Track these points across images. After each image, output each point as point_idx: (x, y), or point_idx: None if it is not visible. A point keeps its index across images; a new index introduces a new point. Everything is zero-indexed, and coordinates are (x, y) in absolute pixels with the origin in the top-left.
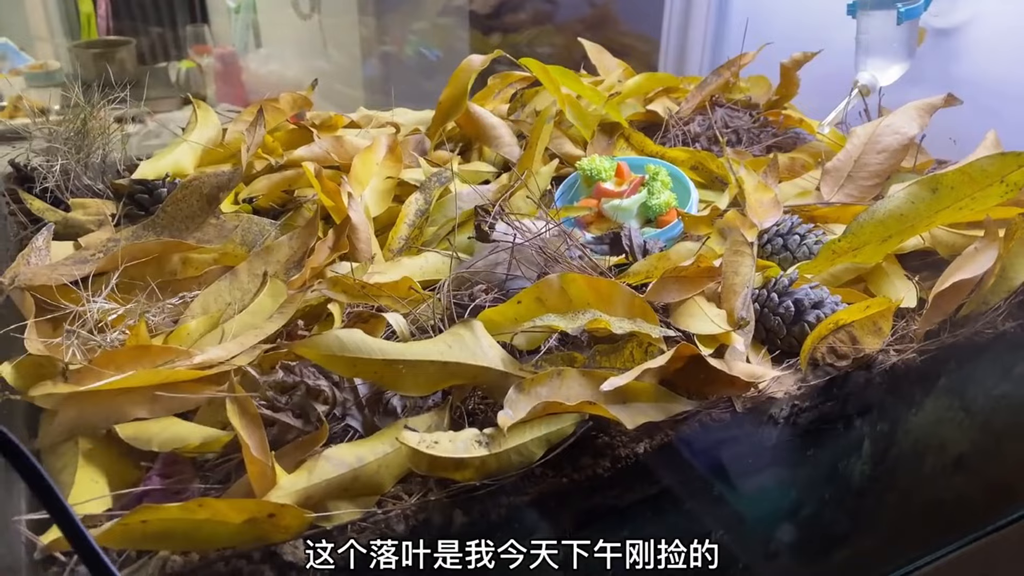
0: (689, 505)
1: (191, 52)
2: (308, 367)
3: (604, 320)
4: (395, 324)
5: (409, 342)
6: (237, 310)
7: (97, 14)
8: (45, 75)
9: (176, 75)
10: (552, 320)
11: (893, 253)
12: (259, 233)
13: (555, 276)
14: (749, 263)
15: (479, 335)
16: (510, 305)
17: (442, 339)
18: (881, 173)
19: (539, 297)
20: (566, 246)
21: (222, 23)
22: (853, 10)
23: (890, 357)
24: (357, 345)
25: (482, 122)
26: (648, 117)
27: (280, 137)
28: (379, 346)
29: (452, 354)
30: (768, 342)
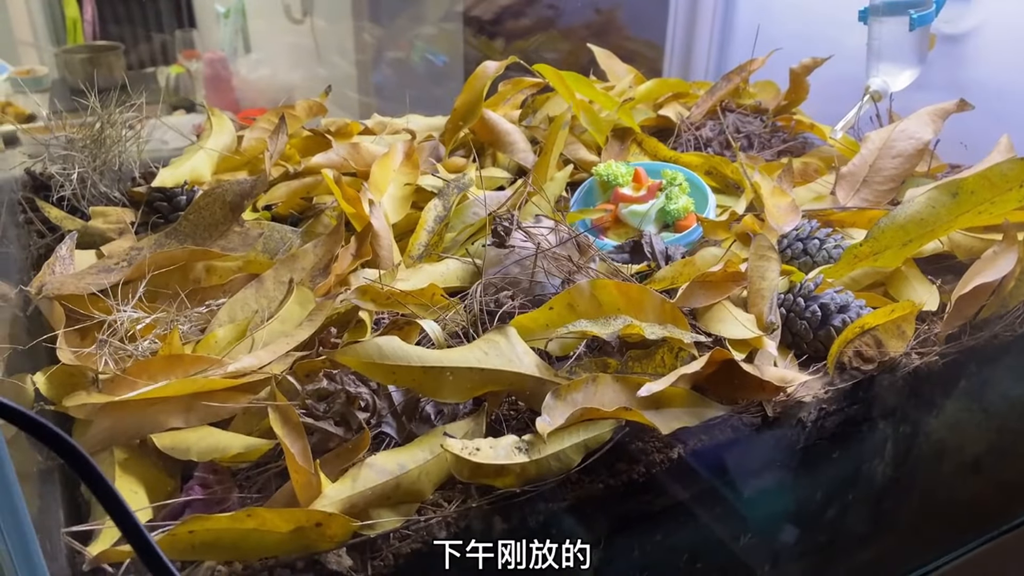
0: (719, 508)
1: (180, 57)
2: (347, 375)
3: (637, 326)
4: (431, 331)
5: (445, 349)
6: (265, 318)
7: (83, 19)
8: (32, 81)
9: (166, 81)
10: (586, 326)
11: (912, 257)
12: (281, 241)
13: (586, 282)
14: (775, 267)
15: (514, 342)
16: (542, 311)
17: (478, 346)
18: (896, 177)
19: (570, 303)
20: (588, 255)
21: (210, 28)
22: (865, 16)
23: (913, 360)
24: (396, 353)
25: (496, 128)
26: (659, 122)
27: (296, 144)
28: (418, 354)
29: (489, 361)
30: (794, 346)
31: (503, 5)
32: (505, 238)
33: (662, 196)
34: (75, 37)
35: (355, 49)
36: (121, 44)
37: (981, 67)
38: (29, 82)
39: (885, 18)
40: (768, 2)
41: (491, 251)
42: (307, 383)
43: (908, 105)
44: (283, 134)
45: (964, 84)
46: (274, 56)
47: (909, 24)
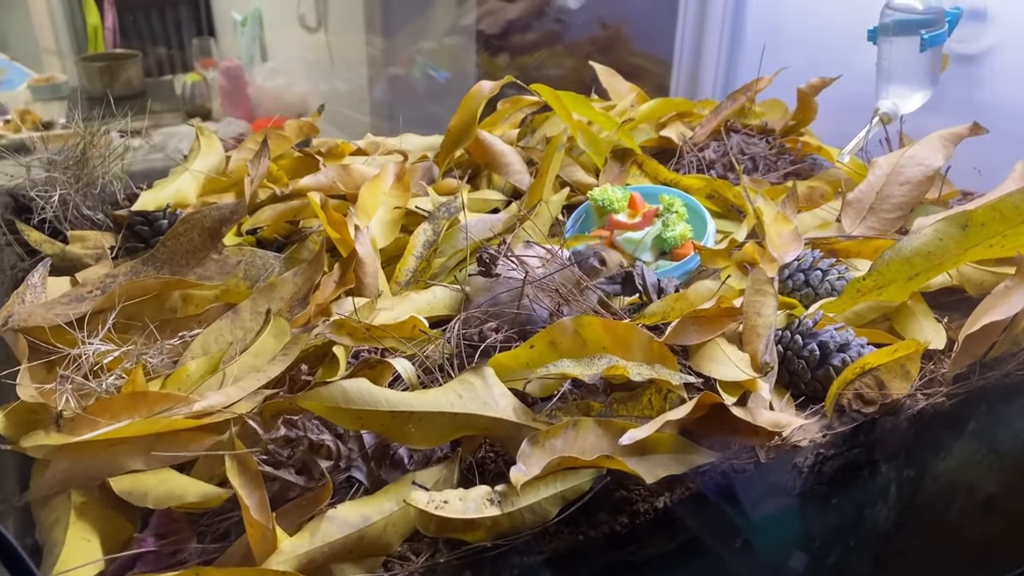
0: (710, 559)
1: (197, 65)
2: (311, 419)
3: (622, 367)
4: (403, 371)
5: (418, 391)
6: (239, 351)
7: (104, 27)
8: (50, 88)
9: (182, 89)
10: (567, 367)
11: (919, 291)
12: (263, 267)
13: (569, 319)
14: (772, 303)
15: (490, 383)
16: (523, 350)
17: (452, 388)
18: (904, 205)
19: (552, 341)
20: (578, 286)
21: (230, 37)
22: (874, 36)
23: (918, 402)
24: (363, 396)
25: (492, 149)
26: (662, 143)
27: (285, 165)
28: (386, 397)
29: (462, 404)
30: (791, 386)
31: (509, 19)
32: (491, 267)
33: (658, 223)
34: (96, 44)
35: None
36: (139, 52)
37: (998, 88)
38: (48, 90)
39: (895, 38)
40: (778, 18)
41: (476, 280)
42: (273, 425)
43: (920, 127)
44: (265, 158)
45: (979, 105)
46: (290, 65)
47: (920, 45)
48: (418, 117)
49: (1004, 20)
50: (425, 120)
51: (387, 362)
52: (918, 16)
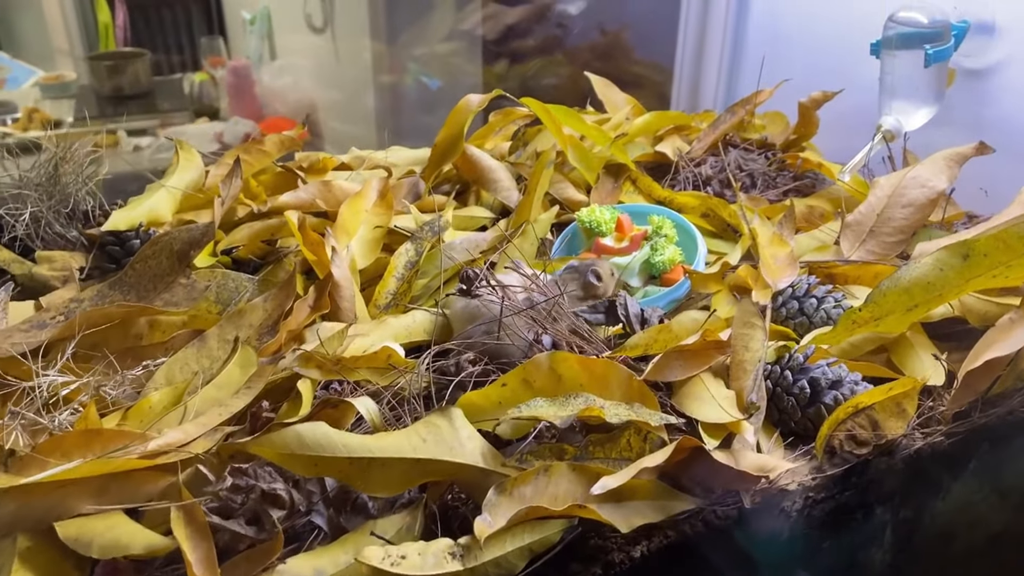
0: None
1: (206, 64)
2: (265, 465)
3: (597, 408)
4: (365, 412)
5: (379, 434)
6: (204, 381)
7: (115, 24)
8: (59, 86)
9: (190, 87)
10: (540, 407)
11: (919, 321)
12: (235, 290)
13: (544, 356)
14: (760, 337)
15: (458, 425)
16: (494, 388)
17: (415, 431)
18: (906, 229)
19: (526, 379)
20: (560, 315)
21: (240, 35)
22: (876, 50)
23: (915, 441)
24: (319, 442)
25: (480, 164)
26: (657, 158)
27: (265, 181)
28: (344, 442)
29: (426, 449)
30: (781, 423)
31: (509, 24)
32: (472, 286)
33: (647, 246)
34: (107, 42)
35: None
36: (147, 51)
37: (1006, 104)
38: (57, 88)
39: (898, 52)
40: (781, 25)
41: (456, 305)
42: (228, 467)
43: (926, 143)
44: (237, 178)
45: (987, 122)
46: (297, 65)
47: (924, 60)
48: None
49: (1013, 34)
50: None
51: (348, 403)
52: (922, 30)
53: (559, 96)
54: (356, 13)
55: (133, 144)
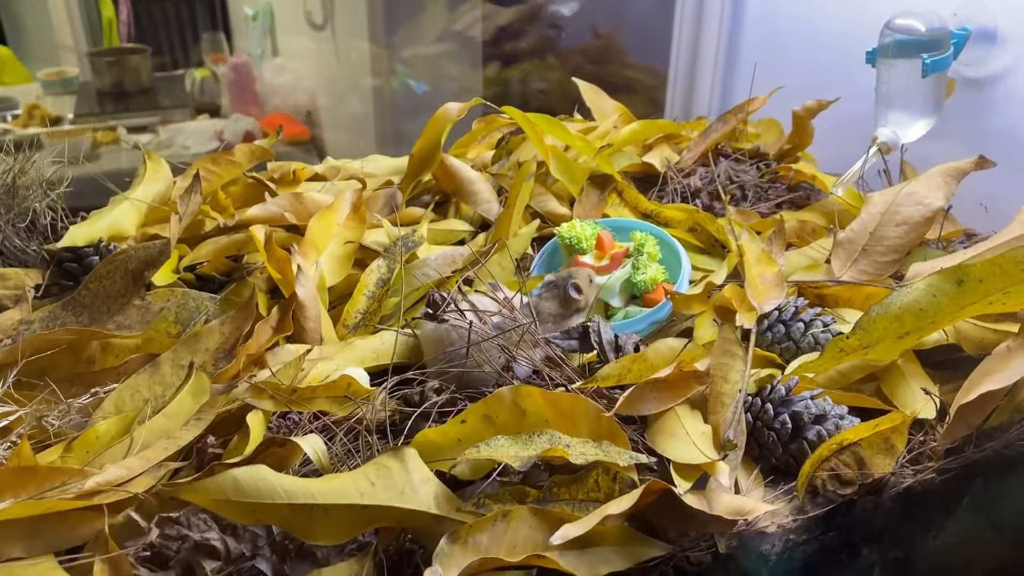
0: None
1: (207, 60)
2: (198, 514)
3: (561, 448)
4: (311, 452)
5: (325, 477)
6: (155, 410)
7: (119, 20)
8: (61, 83)
9: (191, 84)
10: (501, 446)
11: (912, 349)
12: (196, 310)
13: (507, 390)
14: (740, 367)
15: (411, 468)
16: (453, 424)
17: (364, 473)
18: (900, 248)
19: (488, 415)
20: (531, 343)
21: (243, 31)
22: (872, 58)
23: (904, 479)
24: (257, 487)
25: (459, 176)
26: (646, 168)
27: (235, 193)
28: (284, 487)
29: (375, 494)
30: (761, 459)
31: (501, 25)
32: (439, 310)
33: (628, 264)
34: (111, 38)
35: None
36: (148, 47)
37: (1009, 114)
38: (58, 84)
39: (895, 61)
40: (777, 29)
41: (427, 328)
42: (170, 507)
43: (925, 155)
44: (196, 193)
45: (989, 134)
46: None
47: (921, 70)
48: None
49: (1015, 42)
50: None
51: (295, 442)
52: (920, 38)
53: (549, 101)
54: (355, 11)
55: (133, 141)
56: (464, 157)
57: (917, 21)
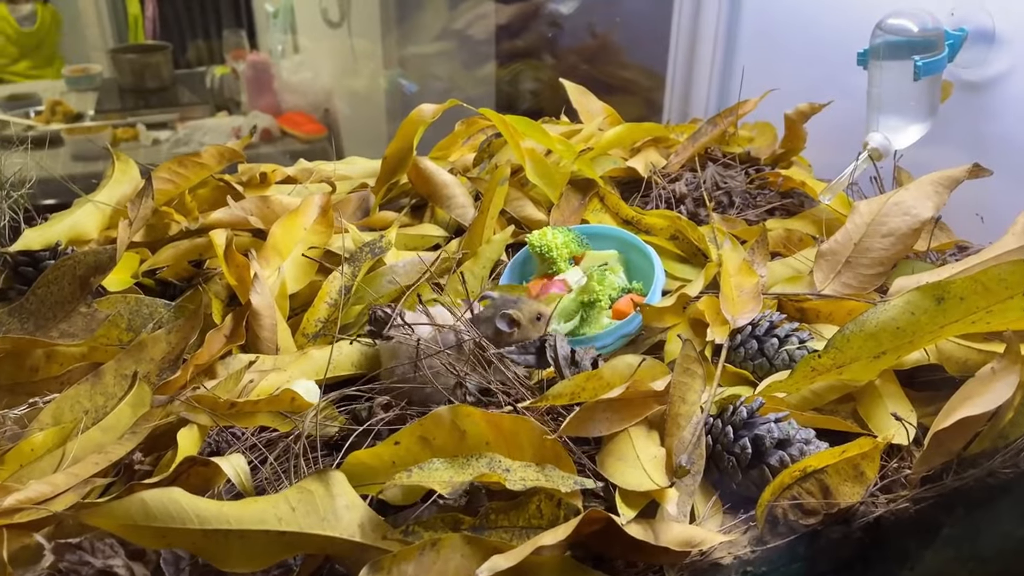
0: None
1: (228, 58)
2: (103, 539)
3: (497, 474)
4: (232, 473)
5: (243, 501)
6: (93, 421)
7: (144, 16)
8: (85, 79)
9: (211, 81)
10: (434, 471)
11: (892, 369)
12: (149, 317)
13: (446, 410)
14: (699, 386)
15: (336, 492)
16: (386, 446)
17: (285, 498)
18: (886, 260)
19: (424, 436)
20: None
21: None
22: (864, 59)
23: (875, 508)
24: (168, 511)
25: (433, 179)
26: (630, 173)
27: (203, 195)
28: (197, 512)
29: (294, 520)
30: (721, 484)
31: (499, 24)
32: (382, 328)
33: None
34: (136, 35)
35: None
36: (169, 44)
37: (1008, 119)
38: (82, 80)
39: (886, 63)
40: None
41: (384, 343)
42: (86, 530)
43: (921, 162)
44: (148, 198)
45: (988, 139)
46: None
47: (913, 72)
48: None
49: (1014, 43)
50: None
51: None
52: (912, 39)
53: (539, 103)
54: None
55: (152, 138)
56: (446, 160)
57: (909, 21)
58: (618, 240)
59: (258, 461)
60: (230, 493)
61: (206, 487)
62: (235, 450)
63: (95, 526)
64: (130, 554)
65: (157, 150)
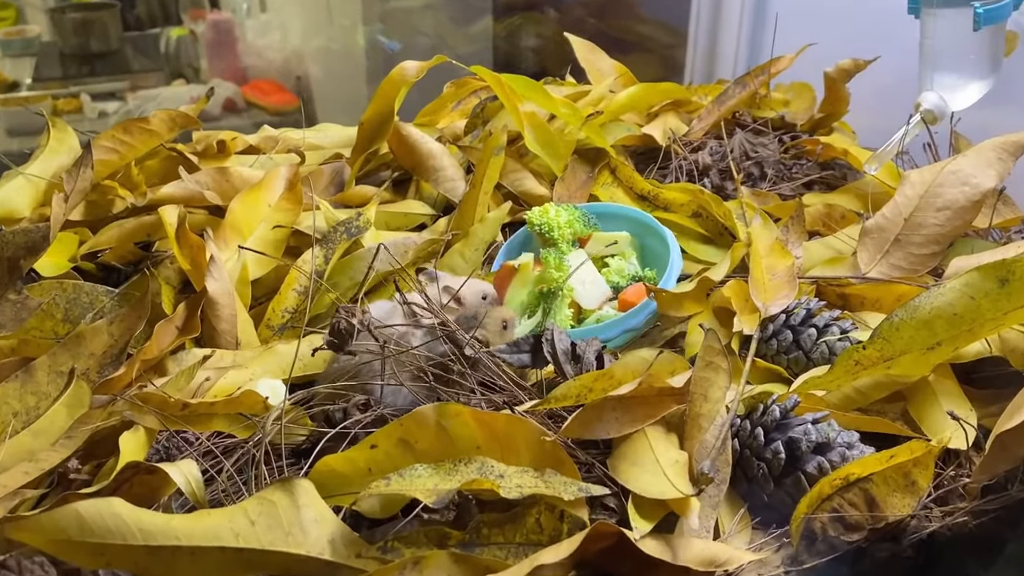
0: None
1: (186, 18)
2: (33, 558)
3: (488, 481)
4: (183, 482)
5: (196, 513)
6: (23, 424)
7: None
8: (22, 42)
9: (165, 44)
10: (416, 477)
11: (947, 362)
12: (89, 306)
13: (429, 408)
14: (723, 383)
15: (302, 503)
16: (361, 450)
17: (244, 510)
18: (941, 238)
19: (404, 439)
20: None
21: None
22: (916, 7)
23: (929, 523)
24: (107, 525)
25: (417, 148)
26: (646, 141)
27: (152, 168)
28: (141, 525)
29: (254, 535)
30: (750, 496)
31: None
32: (346, 340)
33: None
34: None
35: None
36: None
37: None
38: (19, 44)
39: (941, 11)
40: None
41: None
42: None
43: (981, 125)
44: (86, 167)
45: None
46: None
47: (973, 21)
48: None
49: None
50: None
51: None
52: None
53: (541, 61)
54: None
55: (98, 110)
56: (433, 127)
57: None
58: (633, 222)
59: (213, 470)
60: (181, 505)
61: (152, 498)
62: (187, 456)
63: (23, 542)
64: (63, 574)
65: (104, 123)
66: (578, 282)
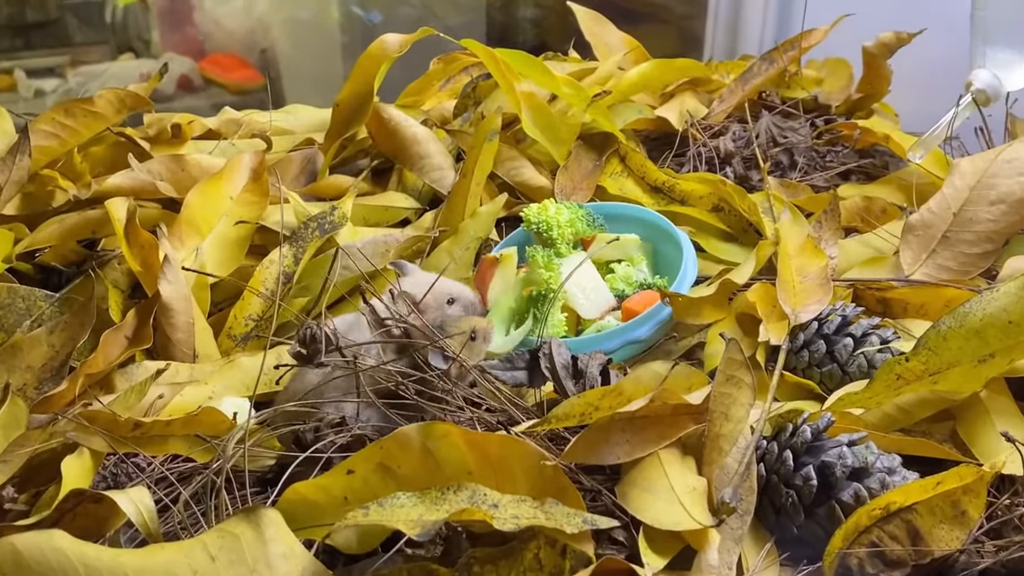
0: None
1: None
2: None
3: (481, 511)
4: (133, 512)
5: (149, 548)
6: None
7: None
8: None
9: (111, 14)
10: (399, 507)
11: (1002, 376)
12: (26, 312)
13: (413, 428)
14: (747, 400)
15: (269, 536)
16: (336, 476)
17: (203, 544)
18: (995, 235)
19: (385, 463)
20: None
21: None
22: None
23: (982, 558)
24: (47, 560)
25: (400, 133)
26: (661, 125)
27: (97, 155)
28: (85, 560)
29: (214, 572)
30: (778, 528)
31: None
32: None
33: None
34: None
35: None
36: None
37: None
38: None
39: None
40: None
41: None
42: None
43: None
44: (22, 156)
45: None
46: None
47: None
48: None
49: None
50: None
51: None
52: None
53: (540, 34)
54: None
55: (34, 88)
56: (418, 108)
57: None
58: (646, 225)
59: (168, 498)
60: (131, 539)
61: (99, 531)
62: (138, 483)
63: None
64: None
65: (41, 103)
66: (577, 288)
